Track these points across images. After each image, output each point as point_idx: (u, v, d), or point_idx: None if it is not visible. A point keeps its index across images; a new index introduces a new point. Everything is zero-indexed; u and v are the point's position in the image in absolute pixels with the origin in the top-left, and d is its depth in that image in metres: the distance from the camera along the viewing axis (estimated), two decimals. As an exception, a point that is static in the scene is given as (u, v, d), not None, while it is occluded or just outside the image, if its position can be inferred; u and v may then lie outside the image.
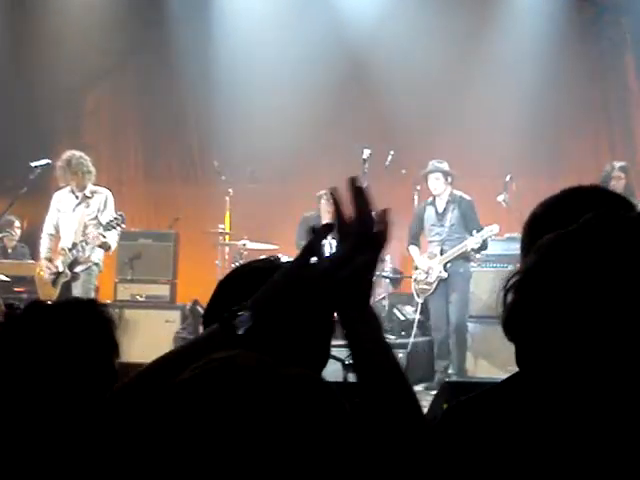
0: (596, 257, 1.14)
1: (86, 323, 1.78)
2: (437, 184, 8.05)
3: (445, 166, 8.09)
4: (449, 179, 8.06)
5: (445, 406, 3.56)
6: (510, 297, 1.22)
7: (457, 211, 8.03)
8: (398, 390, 1.37)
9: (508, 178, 8.37)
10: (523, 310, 1.19)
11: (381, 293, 9.30)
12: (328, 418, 0.99)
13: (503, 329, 1.23)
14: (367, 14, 10.80)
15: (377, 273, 9.00)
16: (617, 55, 10.84)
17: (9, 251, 9.41)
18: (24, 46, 11.11)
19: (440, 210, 8.11)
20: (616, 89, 10.89)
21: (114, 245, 7.67)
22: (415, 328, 8.34)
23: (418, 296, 8.28)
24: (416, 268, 8.25)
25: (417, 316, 8.44)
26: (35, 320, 1.75)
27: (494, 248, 8.33)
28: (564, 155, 10.67)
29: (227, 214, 9.17)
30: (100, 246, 7.48)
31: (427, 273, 8.09)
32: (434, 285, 8.06)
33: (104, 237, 7.40)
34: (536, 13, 10.64)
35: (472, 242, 7.91)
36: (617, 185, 7.48)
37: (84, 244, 7.40)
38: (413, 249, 8.32)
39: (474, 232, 7.93)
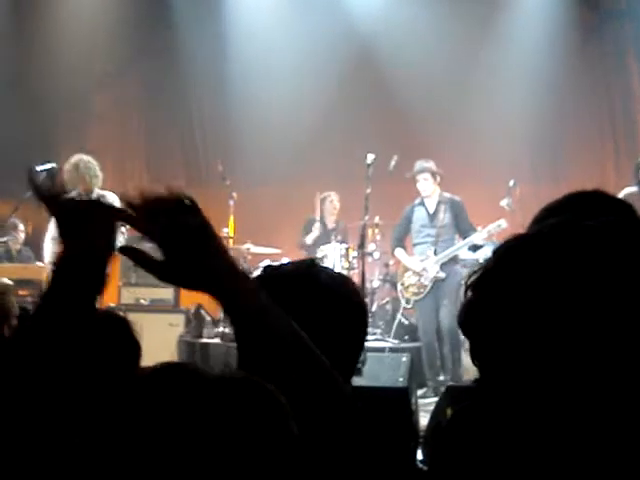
0: (548, 264, 1.17)
1: (113, 328, 1.79)
2: (426, 185, 7.93)
3: (432, 165, 7.97)
4: (437, 178, 7.95)
5: (449, 410, 3.56)
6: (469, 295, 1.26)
7: (449, 212, 7.92)
8: (307, 358, 1.33)
9: (512, 183, 8.36)
10: (476, 308, 1.23)
11: (384, 297, 9.31)
12: (261, 421, 1.02)
13: (459, 325, 1.27)
14: (372, 18, 10.82)
15: (381, 277, 9.04)
16: (621, 60, 10.85)
17: (14, 254, 9.42)
18: (29, 50, 11.15)
19: (431, 211, 7.98)
20: (620, 94, 10.90)
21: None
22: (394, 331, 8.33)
23: (407, 301, 8.09)
24: (406, 270, 8.09)
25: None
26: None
27: (497, 253, 8.31)
28: (568, 160, 10.67)
29: (231, 218, 9.18)
30: None
31: (420, 275, 7.93)
32: (428, 287, 7.91)
33: None
34: (540, 19, 10.66)
35: (478, 237, 7.79)
36: None
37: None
38: (399, 251, 8.16)
39: (471, 232, 7.85)
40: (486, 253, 7.85)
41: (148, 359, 1.83)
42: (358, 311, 1.75)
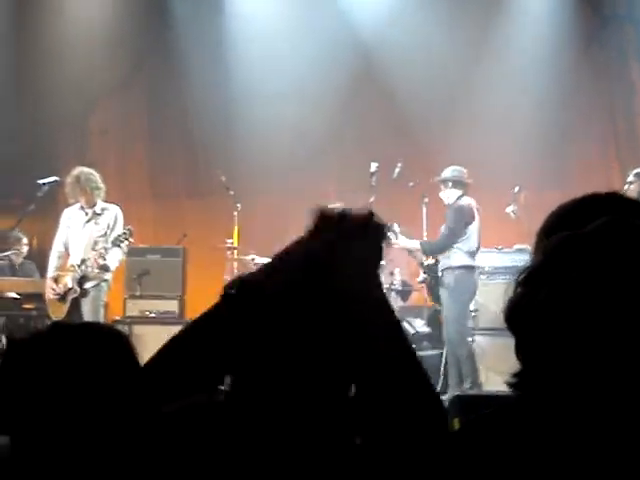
0: (603, 261, 1.16)
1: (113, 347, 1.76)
2: (441, 195, 7.95)
3: (446, 172, 7.89)
4: (449, 185, 7.83)
5: (456, 421, 3.52)
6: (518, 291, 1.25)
7: (446, 215, 7.87)
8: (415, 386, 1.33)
9: (517, 189, 8.34)
10: (526, 304, 1.21)
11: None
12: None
13: (505, 320, 1.25)
14: (376, 26, 10.82)
15: (386, 286, 9.02)
16: (623, 64, 10.84)
17: (17, 268, 9.42)
18: (29, 63, 11.16)
19: (445, 217, 7.98)
20: (623, 98, 10.88)
21: (114, 265, 7.60)
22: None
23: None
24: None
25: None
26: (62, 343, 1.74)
27: (503, 260, 8.30)
28: (572, 166, 10.65)
29: (235, 229, 9.17)
30: (100, 268, 7.43)
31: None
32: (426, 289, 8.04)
33: (104, 259, 7.38)
34: (542, 25, 10.67)
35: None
36: (628, 191, 7.39)
37: (92, 261, 7.40)
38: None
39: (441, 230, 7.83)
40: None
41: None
42: None
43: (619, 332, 1.13)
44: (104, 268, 7.44)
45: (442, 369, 7.79)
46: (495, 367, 7.82)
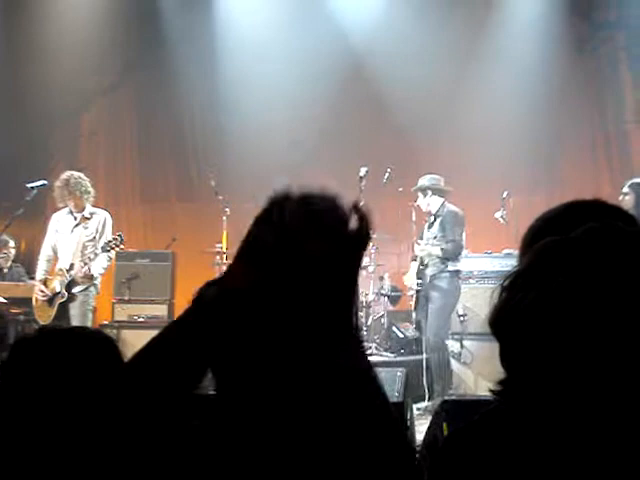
0: (590, 266, 1.15)
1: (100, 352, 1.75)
2: (419, 202, 7.94)
3: (423, 180, 7.89)
4: (428, 193, 7.81)
5: (445, 426, 3.51)
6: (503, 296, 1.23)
7: (439, 223, 7.80)
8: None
9: (505, 194, 8.36)
10: (511, 309, 1.20)
11: (380, 311, 9.28)
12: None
13: (489, 325, 1.23)
14: (365, 32, 10.83)
15: (376, 291, 9.02)
16: (613, 70, 10.87)
17: (4, 271, 9.38)
18: (19, 66, 11.13)
19: (428, 225, 7.95)
20: (612, 104, 10.91)
21: (98, 272, 7.54)
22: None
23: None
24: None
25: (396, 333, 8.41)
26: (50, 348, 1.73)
27: (492, 264, 8.31)
28: (561, 171, 10.67)
29: (224, 233, 9.15)
30: (84, 277, 7.37)
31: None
32: (414, 298, 7.94)
33: (89, 270, 7.33)
34: (532, 31, 10.69)
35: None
36: (623, 202, 7.40)
37: (82, 264, 7.36)
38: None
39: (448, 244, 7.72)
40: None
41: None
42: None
43: (607, 337, 1.11)
44: (88, 277, 7.38)
45: (426, 375, 7.75)
46: (484, 372, 7.83)
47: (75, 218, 7.62)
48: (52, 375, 1.69)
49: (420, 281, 7.85)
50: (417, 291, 7.85)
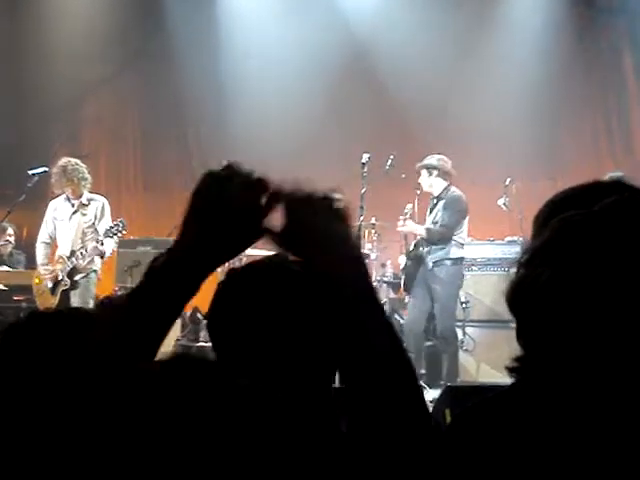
0: (613, 241, 1.12)
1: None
2: (421, 180, 7.77)
3: (431, 159, 7.73)
4: (434, 173, 7.67)
5: (447, 411, 3.50)
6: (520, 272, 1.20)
7: (441, 207, 7.64)
8: (401, 380, 1.23)
9: (508, 181, 8.33)
10: (528, 285, 1.17)
11: (382, 298, 9.28)
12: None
13: (506, 302, 1.20)
14: (367, 19, 10.82)
15: (378, 278, 9.00)
16: (615, 57, 10.84)
17: (4, 258, 9.37)
18: (22, 55, 11.10)
19: (430, 207, 7.81)
20: (615, 91, 10.88)
21: (109, 252, 7.59)
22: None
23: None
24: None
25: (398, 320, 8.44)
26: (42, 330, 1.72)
27: (495, 251, 8.30)
28: (563, 157, 10.65)
29: (226, 221, 9.14)
30: (97, 254, 7.42)
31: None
32: (402, 280, 7.95)
33: (102, 244, 7.36)
34: (535, 17, 10.65)
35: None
36: None
37: (83, 252, 7.36)
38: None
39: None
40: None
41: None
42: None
43: (628, 314, 1.09)
44: (101, 254, 7.41)
45: (424, 362, 7.75)
46: (487, 359, 7.82)
47: (73, 205, 7.60)
48: (44, 359, 1.68)
49: (409, 262, 7.79)
50: (405, 274, 7.83)
